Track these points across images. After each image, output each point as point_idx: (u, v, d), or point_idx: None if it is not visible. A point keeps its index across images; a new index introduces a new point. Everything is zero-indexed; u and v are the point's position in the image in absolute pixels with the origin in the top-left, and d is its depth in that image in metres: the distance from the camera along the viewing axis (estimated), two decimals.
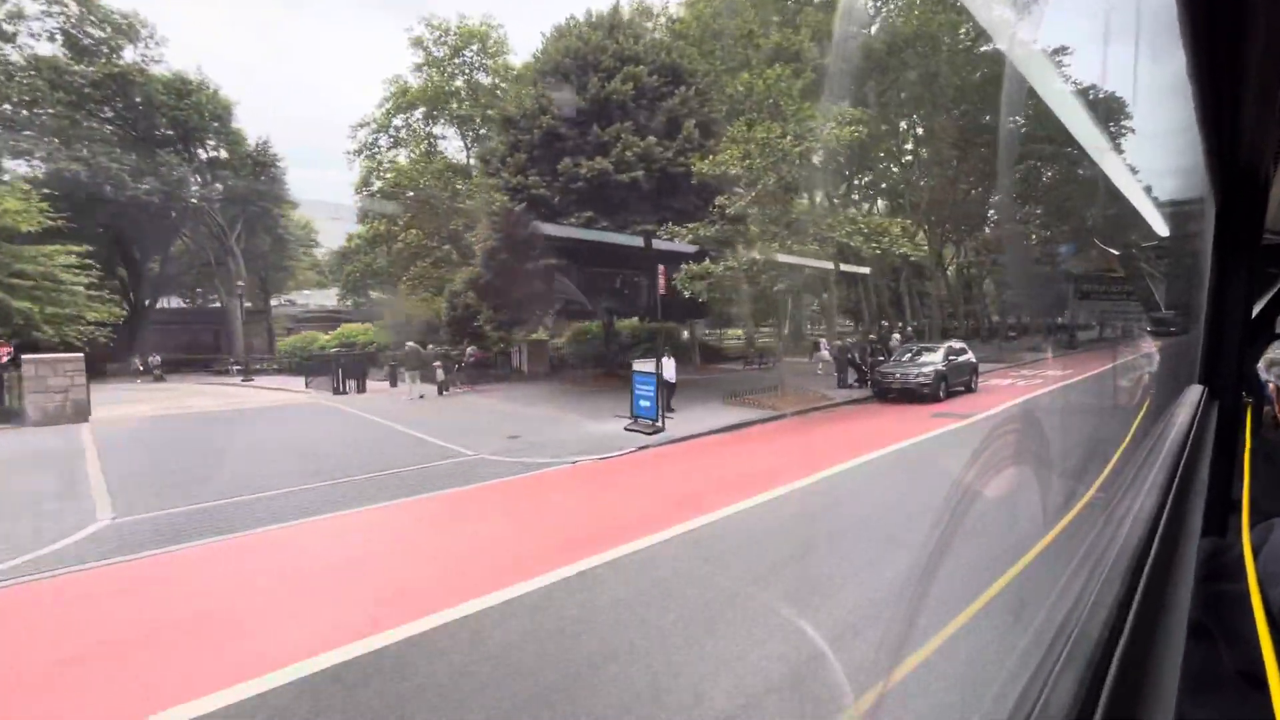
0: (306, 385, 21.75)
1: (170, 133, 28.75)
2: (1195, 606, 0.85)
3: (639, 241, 15.69)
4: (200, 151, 31.09)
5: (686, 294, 14.58)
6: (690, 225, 14.69)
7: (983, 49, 26.10)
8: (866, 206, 35.56)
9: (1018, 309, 39.55)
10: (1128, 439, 5.37)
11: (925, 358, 15.61)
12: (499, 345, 23.43)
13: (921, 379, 14.57)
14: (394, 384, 19.87)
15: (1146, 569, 0.79)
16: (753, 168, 13.71)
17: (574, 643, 3.92)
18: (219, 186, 30.80)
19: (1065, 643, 0.64)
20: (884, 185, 33.50)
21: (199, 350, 31.40)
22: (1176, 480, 1.14)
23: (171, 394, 21.17)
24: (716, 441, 10.83)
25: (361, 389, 19.93)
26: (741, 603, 4.41)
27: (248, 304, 37.72)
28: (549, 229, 17.15)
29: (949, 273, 35.50)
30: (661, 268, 13.02)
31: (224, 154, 31.43)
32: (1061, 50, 21.20)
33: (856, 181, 32.76)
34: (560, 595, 4.61)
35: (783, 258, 14.04)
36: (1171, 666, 0.69)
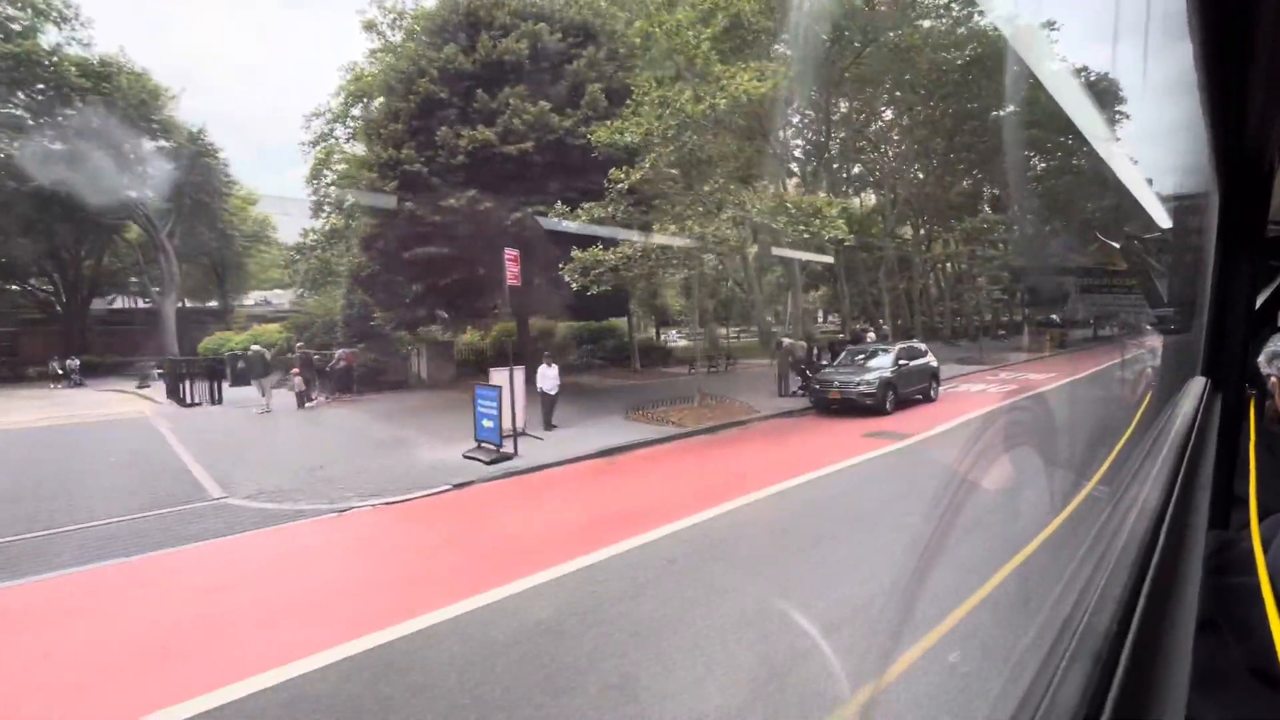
0: (167, 394, 20.14)
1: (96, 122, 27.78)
2: (1204, 601, 0.88)
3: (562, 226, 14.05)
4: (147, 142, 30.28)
5: (575, 286, 13.13)
6: (586, 205, 13.25)
7: (961, 30, 25.85)
8: (857, 200, 35.74)
9: (1005, 305, 39.95)
10: (1127, 436, 5.51)
11: (874, 362, 14.26)
12: (406, 347, 22.57)
13: (863, 388, 13.15)
14: (263, 392, 18.15)
15: (1154, 562, 0.82)
16: (651, 134, 12.37)
17: None
18: (148, 178, 29.88)
19: (1072, 637, 0.66)
20: (871, 178, 33.65)
21: (139, 352, 30.64)
22: (1181, 473, 1.18)
23: (40, 402, 20.38)
24: (568, 474, 9.44)
25: (217, 399, 18.58)
26: None
27: (213, 303, 36.96)
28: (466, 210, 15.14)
29: (936, 268, 35.66)
30: (511, 254, 11.01)
31: (163, 143, 30.57)
32: (1050, 25, 21.40)
33: (844, 173, 32.90)
34: None
35: (681, 242, 12.82)
36: (1181, 662, 0.71)
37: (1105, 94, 23.01)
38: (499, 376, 11.28)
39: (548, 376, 12.50)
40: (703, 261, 12.80)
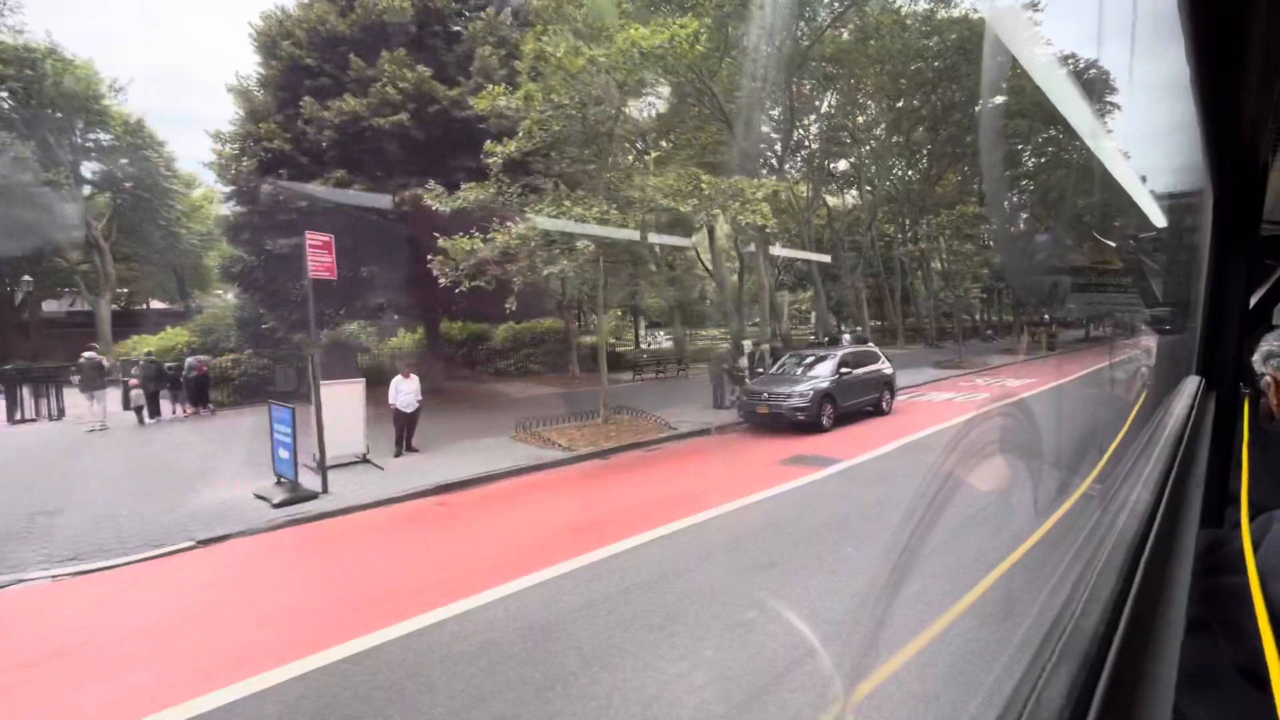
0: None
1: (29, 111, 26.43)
2: (1193, 600, 0.89)
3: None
4: (90, 134, 29.15)
5: (442, 281, 11.47)
6: (468, 186, 11.52)
7: (941, 14, 25.51)
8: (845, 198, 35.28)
9: (990, 305, 39.15)
10: (1118, 441, 5.51)
11: (816, 369, 12.93)
12: (310, 353, 20.97)
13: (795, 402, 11.70)
14: (126, 406, 15.89)
15: (1143, 561, 0.84)
16: (531, 98, 10.98)
17: None
18: (83, 171, 28.81)
19: (1059, 637, 0.67)
20: (854, 174, 33.24)
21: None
22: (1174, 471, 1.20)
23: None
24: (371, 522, 7.80)
25: (56, 413, 16.51)
26: None
27: (181, 305, 36.13)
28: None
29: (922, 267, 35.19)
30: (318, 239, 8.98)
31: (101, 136, 29.42)
32: (1033, 5, 20.71)
33: (826, 168, 32.42)
34: None
35: (575, 228, 11.31)
36: (1169, 662, 0.73)
37: (1094, 84, 22.95)
38: (337, 391, 9.50)
39: (402, 391, 10.77)
40: (578, 251, 11.11)
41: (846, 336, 23.71)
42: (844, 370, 12.77)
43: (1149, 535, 0.91)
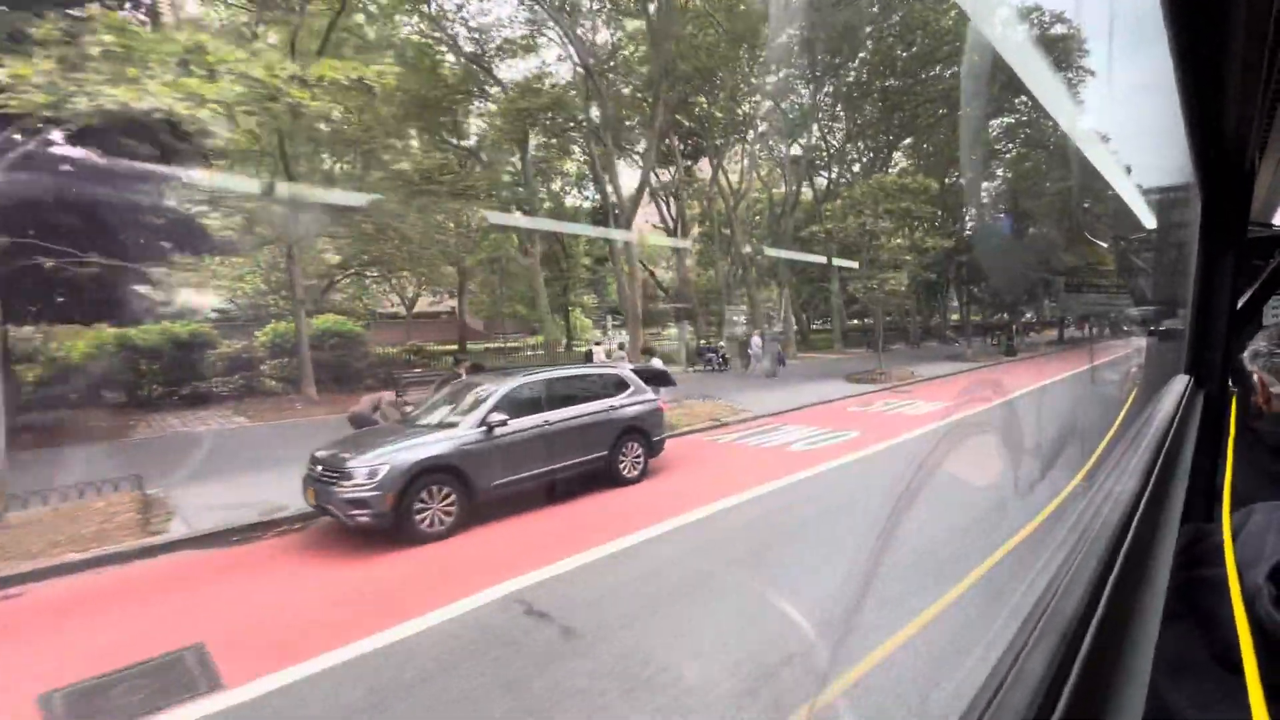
0: None
1: None
2: (1175, 592, 0.94)
3: None
4: None
5: None
6: None
7: None
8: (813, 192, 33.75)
9: (923, 303, 36.21)
10: (1108, 435, 5.58)
11: (468, 416, 7.33)
12: None
13: (351, 488, 6.24)
14: None
15: (1124, 548, 0.89)
16: None
17: None
18: None
19: (1040, 617, 0.72)
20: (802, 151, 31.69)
21: None
22: (1158, 466, 1.26)
23: None
24: None
25: None
26: None
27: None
28: None
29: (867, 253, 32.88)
30: None
31: None
32: None
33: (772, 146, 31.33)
34: None
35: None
36: (1146, 645, 0.77)
37: (1064, 48, 22.36)
38: None
39: None
40: None
41: (756, 339, 21.61)
42: (498, 419, 7.27)
43: (1131, 524, 0.96)
